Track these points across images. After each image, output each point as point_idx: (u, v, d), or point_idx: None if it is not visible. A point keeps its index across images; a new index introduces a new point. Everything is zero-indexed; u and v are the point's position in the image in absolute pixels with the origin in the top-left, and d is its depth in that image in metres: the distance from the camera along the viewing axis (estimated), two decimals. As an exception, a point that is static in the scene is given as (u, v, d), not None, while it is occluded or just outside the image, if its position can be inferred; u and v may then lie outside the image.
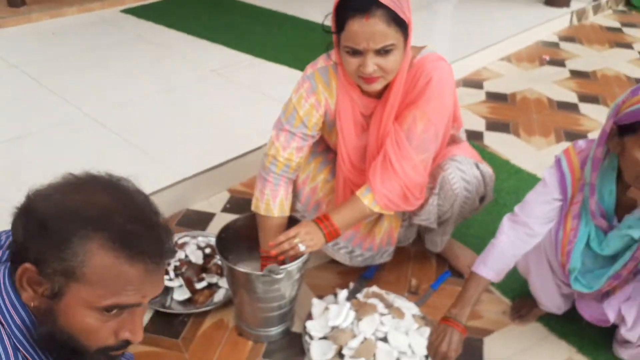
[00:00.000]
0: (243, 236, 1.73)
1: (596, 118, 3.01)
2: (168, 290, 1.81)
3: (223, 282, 1.83)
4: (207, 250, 1.92)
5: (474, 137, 2.81)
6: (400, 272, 1.95)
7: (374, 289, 1.75)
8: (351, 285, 1.85)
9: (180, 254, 1.88)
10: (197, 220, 2.17)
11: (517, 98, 3.25)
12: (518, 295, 1.87)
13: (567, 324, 1.75)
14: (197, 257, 1.88)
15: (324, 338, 1.60)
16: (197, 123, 2.64)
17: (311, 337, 1.61)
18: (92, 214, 0.86)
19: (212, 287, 1.83)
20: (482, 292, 1.57)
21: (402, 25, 1.40)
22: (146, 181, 1.01)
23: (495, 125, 2.94)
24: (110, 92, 2.90)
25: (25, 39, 3.59)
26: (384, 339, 1.58)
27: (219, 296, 1.80)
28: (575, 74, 3.58)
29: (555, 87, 3.38)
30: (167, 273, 1.82)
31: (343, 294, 1.73)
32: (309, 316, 1.68)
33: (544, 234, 1.57)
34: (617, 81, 3.51)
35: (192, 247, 1.92)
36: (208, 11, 4.06)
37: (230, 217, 2.04)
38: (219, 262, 1.88)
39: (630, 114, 1.32)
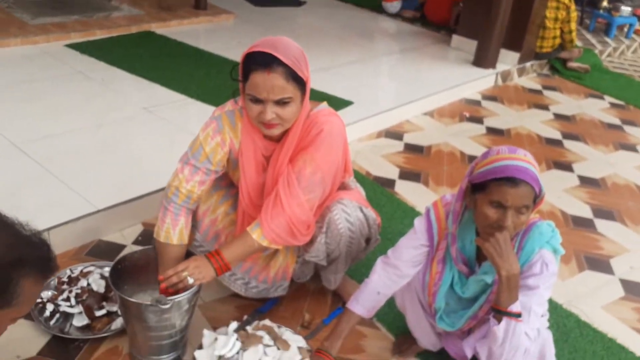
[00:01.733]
0: (140, 268, 1.82)
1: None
2: (68, 317, 1.87)
3: (122, 311, 1.89)
4: (111, 280, 1.98)
5: (387, 184, 3.00)
6: (296, 307, 2.07)
7: (266, 321, 1.85)
8: (245, 317, 1.95)
9: (83, 282, 1.95)
10: (107, 251, 2.24)
11: (432, 150, 3.47)
12: (402, 332, 2.01)
13: (442, 360, 1.87)
14: (99, 286, 1.95)
15: (211, 366, 1.66)
16: (119, 158, 2.75)
17: (199, 366, 1.66)
18: (9, 259, 1.00)
19: (112, 315, 1.90)
20: (354, 326, 1.71)
21: (299, 82, 1.58)
22: (61, 210, 1.12)
23: (407, 175, 3.14)
24: (40, 124, 2.98)
25: (-35, 67, 3.65)
26: (267, 369, 1.68)
27: (116, 324, 1.87)
28: (491, 130, 3.85)
29: (470, 142, 3.64)
30: (68, 300, 1.88)
31: (232, 325, 1.82)
32: (200, 346, 1.75)
33: (412, 276, 1.73)
34: (528, 139, 3.79)
35: (96, 276, 1.99)
36: (152, 51, 4.21)
37: (139, 250, 2.13)
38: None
39: (481, 175, 1.52)
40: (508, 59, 4.92)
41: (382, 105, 3.75)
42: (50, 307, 1.86)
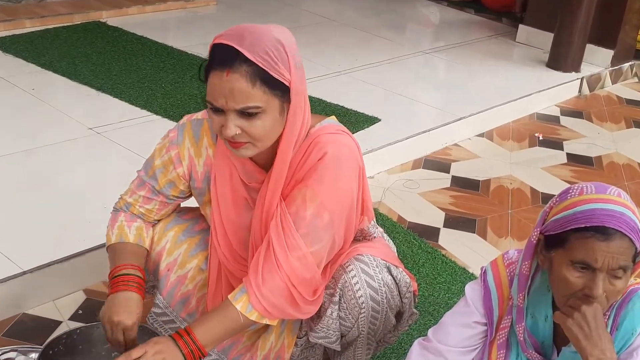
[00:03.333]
0: (81, 354, 1.81)
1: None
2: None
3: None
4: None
5: (427, 235, 3.01)
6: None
7: None
8: None
9: (-1, 374, 1.94)
10: (34, 330, 2.24)
11: (490, 187, 3.48)
12: None
13: None
14: (22, 379, 1.94)
15: None
16: (55, 197, 2.77)
17: None
18: None
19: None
20: None
21: (275, 87, 1.59)
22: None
23: (456, 221, 3.14)
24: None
25: None
26: None
27: None
28: (574, 158, 3.87)
29: (544, 175, 3.64)
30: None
31: None
32: None
33: (462, 367, 1.71)
34: (628, 172, 3.79)
35: (18, 365, 1.98)
36: (103, 49, 4.28)
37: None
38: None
39: (559, 223, 1.50)
40: (597, 59, 4.95)
41: (420, 124, 3.76)
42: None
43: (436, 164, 3.65)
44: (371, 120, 3.70)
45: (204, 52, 4.17)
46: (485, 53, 4.99)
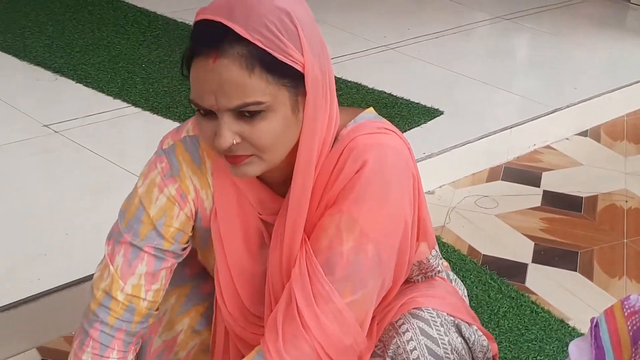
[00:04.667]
0: None
1: None
2: None
3: None
4: None
5: (510, 273, 2.98)
6: None
7: None
8: None
9: None
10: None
11: (598, 205, 3.45)
12: None
13: None
14: None
15: None
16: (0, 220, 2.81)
17: None
18: None
19: None
20: None
21: (282, 74, 1.56)
22: None
23: (551, 255, 3.12)
24: None
25: None
26: None
27: None
28: None
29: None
30: None
31: None
32: None
33: None
34: None
35: None
36: (61, 17, 4.30)
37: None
38: None
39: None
40: None
41: (499, 118, 3.76)
42: None
43: (521, 174, 3.63)
44: (430, 114, 3.69)
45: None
46: (588, 19, 4.98)
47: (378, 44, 4.28)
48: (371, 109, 1.78)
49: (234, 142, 1.56)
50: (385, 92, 3.82)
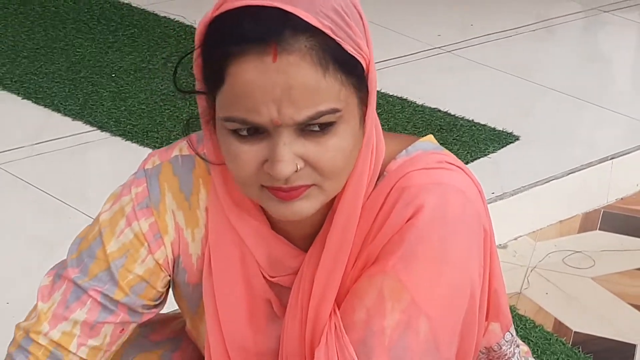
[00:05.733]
0: None
1: None
2: None
3: None
4: None
5: (615, 358, 2.94)
6: None
7: None
8: None
9: None
10: None
11: None
12: None
13: None
14: None
15: None
16: None
17: None
18: None
19: None
20: None
21: (351, 72, 1.54)
22: None
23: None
24: None
25: None
26: None
27: None
28: None
29: None
30: None
31: None
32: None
33: None
34: None
35: None
36: (5, 11, 4.38)
37: None
38: None
39: None
40: None
41: (595, 145, 3.74)
42: None
43: (626, 221, 3.59)
44: (501, 140, 3.68)
45: (192, 15, 4.28)
46: None
47: (430, 45, 4.30)
48: (430, 136, 1.76)
49: (298, 168, 1.51)
50: (439, 110, 3.81)
